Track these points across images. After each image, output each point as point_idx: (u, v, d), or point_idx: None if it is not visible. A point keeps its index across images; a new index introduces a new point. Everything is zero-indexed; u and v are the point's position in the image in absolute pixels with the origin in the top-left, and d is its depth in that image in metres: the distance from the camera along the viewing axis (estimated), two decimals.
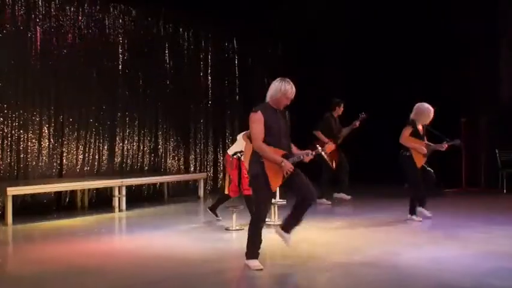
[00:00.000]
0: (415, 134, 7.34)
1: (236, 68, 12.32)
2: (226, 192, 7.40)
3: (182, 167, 11.27)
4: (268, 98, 4.89)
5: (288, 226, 4.97)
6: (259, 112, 4.73)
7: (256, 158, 4.77)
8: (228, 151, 7.44)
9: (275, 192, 7.21)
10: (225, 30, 11.99)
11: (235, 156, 7.15)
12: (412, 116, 7.37)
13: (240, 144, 7.09)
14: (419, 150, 7.28)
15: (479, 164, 11.33)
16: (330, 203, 9.21)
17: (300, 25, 12.54)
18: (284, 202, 7.28)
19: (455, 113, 10.92)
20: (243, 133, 7.09)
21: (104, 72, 9.87)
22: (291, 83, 4.92)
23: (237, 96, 12.32)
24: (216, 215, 7.60)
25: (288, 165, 4.73)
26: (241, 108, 12.24)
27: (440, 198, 9.66)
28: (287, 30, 12.77)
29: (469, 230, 6.73)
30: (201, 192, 10.69)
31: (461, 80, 11.16)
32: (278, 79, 4.93)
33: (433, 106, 7.32)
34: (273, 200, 7.32)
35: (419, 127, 7.40)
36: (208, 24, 11.56)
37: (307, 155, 4.90)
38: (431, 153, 7.42)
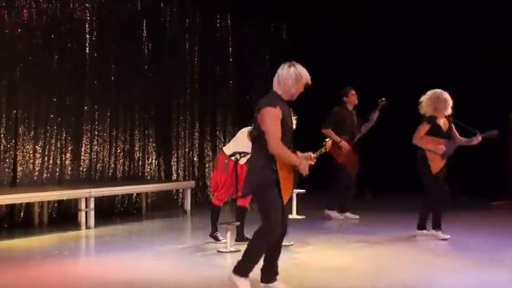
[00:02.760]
0: (435, 131, 7.30)
1: (230, 52, 12.29)
2: (213, 202, 7.37)
3: (164, 173, 11.24)
4: (278, 88, 4.91)
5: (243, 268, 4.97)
6: (278, 107, 4.78)
7: (269, 163, 4.78)
8: (223, 149, 7.37)
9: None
10: (217, 4, 11.96)
11: (232, 158, 7.05)
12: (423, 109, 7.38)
13: (241, 143, 7.00)
14: (435, 151, 7.23)
15: None
16: (342, 217, 9.24)
17: (309, 2, 12.53)
18: (292, 218, 7.23)
19: (503, 108, 11.06)
20: (246, 129, 7.01)
21: (67, 56, 9.82)
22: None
23: (231, 87, 12.30)
24: (217, 238, 7.46)
25: (305, 165, 4.85)
26: (236, 102, 12.22)
27: (486, 212, 9.64)
28: (294, 7, 12.77)
29: None
30: (187, 205, 10.66)
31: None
32: (287, 64, 4.96)
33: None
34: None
35: (441, 121, 7.35)
36: None
37: (312, 158, 5.00)
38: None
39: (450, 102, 7.26)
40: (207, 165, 11.84)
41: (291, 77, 4.87)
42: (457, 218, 8.79)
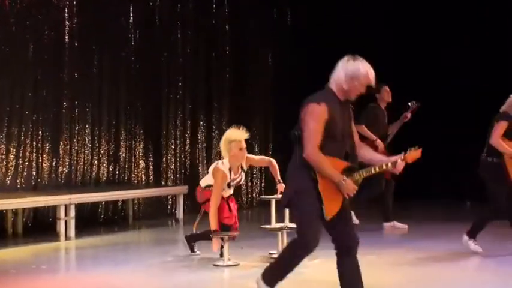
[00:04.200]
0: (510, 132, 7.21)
1: (228, 41, 12.27)
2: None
3: (153, 177, 11.23)
4: (333, 84, 4.66)
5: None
6: (323, 105, 4.53)
7: (305, 169, 4.58)
8: (200, 182, 7.54)
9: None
10: None
11: (209, 188, 7.21)
12: (505, 108, 7.27)
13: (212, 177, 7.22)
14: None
15: None
16: (406, 226, 9.30)
17: None
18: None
19: None
20: (214, 164, 7.22)
21: (45, 45, 9.79)
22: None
23: (228, 81, 12.28)
24: (192, 248, 7.52)
25: (350, 186, 4.55)
26: (234, 98, 12.18)
27: None
28: None
29: None
30: (179, 213, 10.64)
31: None
32: (350, 57, 4.68)
33: None
34: (280, 224, 7.26)
35: None
36: None
37: (387, 165, 4.64)
38: None
39: None
40: (201, 168, 11.81)
41: (345, 72, 4.59)
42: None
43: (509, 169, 7.16)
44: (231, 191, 7.27)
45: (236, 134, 7.00)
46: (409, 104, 9.27)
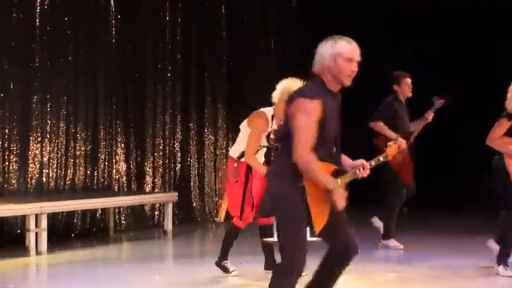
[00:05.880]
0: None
1: (223, 24, 12.29)
2: (234, 222, 7.31)
3: (136, 183, 11.24)
4: (321, 72, 4.65)
5: None
6: (317, 101, 4.51)
7: (293, 173, 4.53)
8: (230, 153, 7.44)
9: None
10: None
11: (242, 160, 7.15)
12: (508, 103, 7.34)
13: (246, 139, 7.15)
14: None
15: None
16: (402, 246, 9.11)
17: None
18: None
19: None
20: (246, 121, 7.23)
21: (12, 31, 9.80)
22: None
23: (224, 70, 12.30)
24: (227, 270, 7.41)
25: (340, 196, 4.55)
26: (230, 89, 12.19)
27: None
28: None
29: None
30: (168, 224, 10.63)
31: None
32: (331, 38, 4.68)
33: None
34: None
35: None
36: None
37: (360, 170, 4.71)
38: None
39: None
40: (192, 172, 11.81)
41: (325, 52, 4.60)
42: None
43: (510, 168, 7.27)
44: (263, 156, 7.15)
45: None
46: (433, 99, 9.12)
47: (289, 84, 7.00)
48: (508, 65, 11.01)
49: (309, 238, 6.96)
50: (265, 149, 7.20)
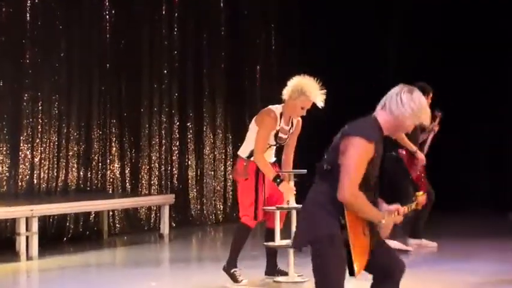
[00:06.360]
0: None
1: (222, 19, 12.27)
2: (244, 221, 7.27)
3: (132, 185, 11.23)
4: (384, 115, 4.61)
5: None
6: (373, 144, 4.51)
7: (335, 210, 4.49)
8: (239, 153, 7.45)
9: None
10: None
11: (251, 159, 7.17)
12: None
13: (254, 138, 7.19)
14: None
15: None
16: (435, 244, 9.42)
17: None
18: None
19: None
20: (254, 119, 7.27)
21: (2, 25, 9.77)
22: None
23: (223, 67, 12.28)
24: (235, 278, 7.32)
25: (389, 224, 4.65)
26: (229, 87, 12.17)
27: None
28: None
29: None
30: (164, 228, 10.62)
31: None
32: (403, 88, 4.61)
33: None
34: (286, 241, 7.26)
35: None
36: None
37: (395, 215, 4.73)
38: None
39: None
40: (190, 173, 11.80)
41: (411, 108, 4.55)
42: None
43: None
44: (273, 154, 7.24)
45: (313, 90, 6.95)
46: (435, 113, 9.28)
47: (301, 82, 7.01)
48: None
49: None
50: (274, 148, 7.23)
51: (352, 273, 4.51)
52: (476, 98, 12.36)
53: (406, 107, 4.53)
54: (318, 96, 6.98)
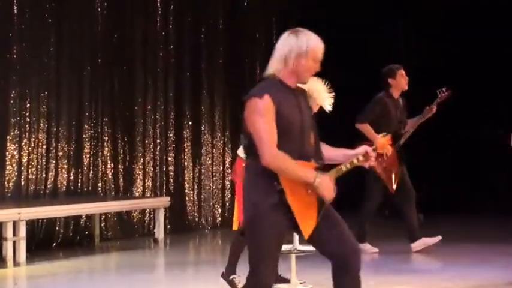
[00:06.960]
0: None
1: (220, 14, 12.29)
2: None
3: (125, 187, 11.24)
4: (275, 68, 4.78)
5: None
6: (266, 96, 4.60)
7: (266, 180, 4.60)
8: (238, 152, 7.45)
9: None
10: None
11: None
12: None
13: None
14: None
15: None
16: (376, 250, 9.34)
17: None
18: (310, 250, 7.22)
19: None
20: None
21: None
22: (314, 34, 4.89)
23: (221, 62, 12.30)
24: (234, 285, 7.32)
25: (327, 185, 4.61)
26: (228, 84, 12.19)
27: None
28: None
29: None
30: (159, 232, 10.62)
31: None
32: (289, 32, 4.90)
33: None
34: (288, 247, 7.23)
35: None
36: None
37: (360, 158, 4.77)
38: None
39: None
40: (186, 175, 11.81)
41: (297, 50, 4.75)
42: None
43: None
44: None
45: (320, 93, 6.92)
46: (438, 91, 9.22)
47: (307, 85, 6.97)
48: None
49: (299, 247, 7.09)
50: None
51: (305, 234, 4.63)
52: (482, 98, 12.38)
53: (284, 53, 4.76)
54: (325, 99, 6.97)
